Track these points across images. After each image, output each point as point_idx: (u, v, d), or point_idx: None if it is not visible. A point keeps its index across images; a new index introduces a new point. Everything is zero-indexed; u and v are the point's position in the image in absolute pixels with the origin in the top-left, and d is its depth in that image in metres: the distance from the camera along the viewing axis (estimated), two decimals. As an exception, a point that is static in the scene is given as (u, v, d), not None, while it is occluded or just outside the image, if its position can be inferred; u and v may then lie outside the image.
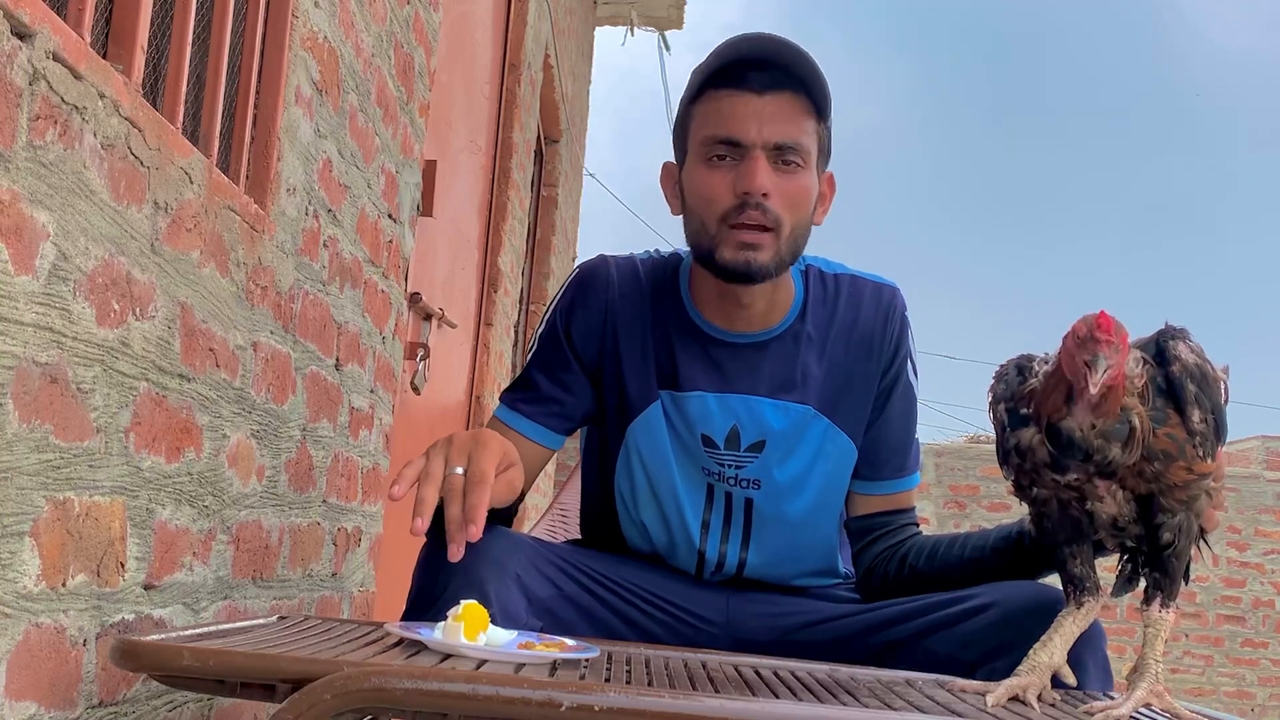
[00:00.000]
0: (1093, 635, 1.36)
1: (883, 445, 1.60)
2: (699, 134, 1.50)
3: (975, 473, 8.07)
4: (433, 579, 1.39)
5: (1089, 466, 1.20)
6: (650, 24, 6.75)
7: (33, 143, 0.98)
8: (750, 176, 1.44)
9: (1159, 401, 1.20)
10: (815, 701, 1.08)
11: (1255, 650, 8.17)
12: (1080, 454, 1.19)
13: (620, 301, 1.58)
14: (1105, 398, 1.16)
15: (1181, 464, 1.21)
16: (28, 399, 1.00)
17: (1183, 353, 1.21)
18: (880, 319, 1.59)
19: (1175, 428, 1.20)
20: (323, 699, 0.91)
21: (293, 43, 1.62)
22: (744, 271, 1.47)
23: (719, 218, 1.47)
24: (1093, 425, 1.18)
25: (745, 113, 1.46)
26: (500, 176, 3.82)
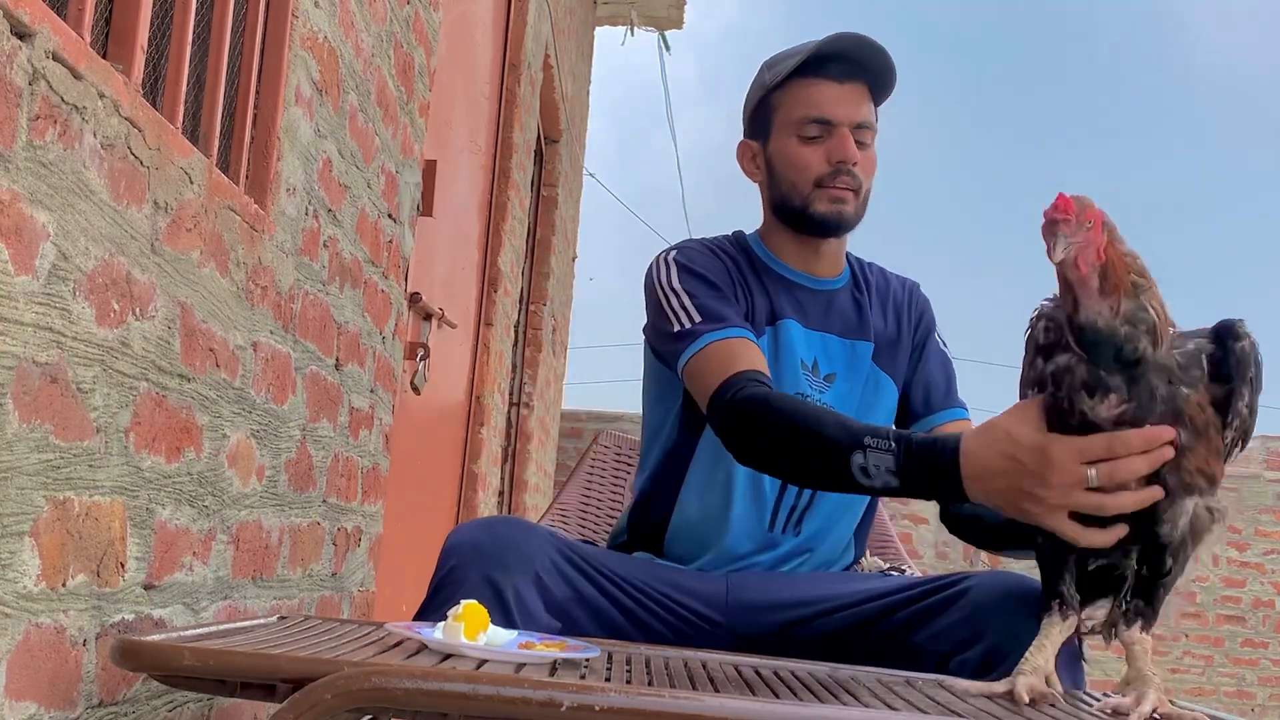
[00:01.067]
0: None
1: (931, 385, 1.81)
2: (791, 114, 1.75)
3: (975, 473, 8.06)
4: (460, 569, 1.43)
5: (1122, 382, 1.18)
6: (650, 24, 6.75)
7: (33, 143, 0.98)
8: (845, 149, 1.72)
9: (1196, 372, 1.20)
10: (815, 701, 1.08)
11: (1255, 650, 8.17)
12: (1110, 350, 1.18)
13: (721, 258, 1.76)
14: (1105, 278, 1.17)
15: (1206, 447, 1.20)
16: (28, 399, 1.00)
17: (1250, 335, 1.22)
18: (906, 294, 1.86)
19: (1204, 402, 1.20)
20: (323, 699, 0.91)
21: (293, 43, 1.62)
22: (836, 222, 1.74)
23: (813, 182, 1.73)
24: (1112, 311, 1.18)
25: (833, 97, 1.74)
26: (500, 176, 3.82)
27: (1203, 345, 1.21)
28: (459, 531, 1.50)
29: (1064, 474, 1.22)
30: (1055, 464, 1.22)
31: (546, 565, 1.48)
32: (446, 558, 1.46)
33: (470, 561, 1.43)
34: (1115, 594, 1.29)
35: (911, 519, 8.03)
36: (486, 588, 1.40)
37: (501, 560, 1.43)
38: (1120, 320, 1.18)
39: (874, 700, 1.12)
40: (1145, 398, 1.19)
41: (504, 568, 1.43)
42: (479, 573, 1.42)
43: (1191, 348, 1.21)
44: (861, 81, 1.75)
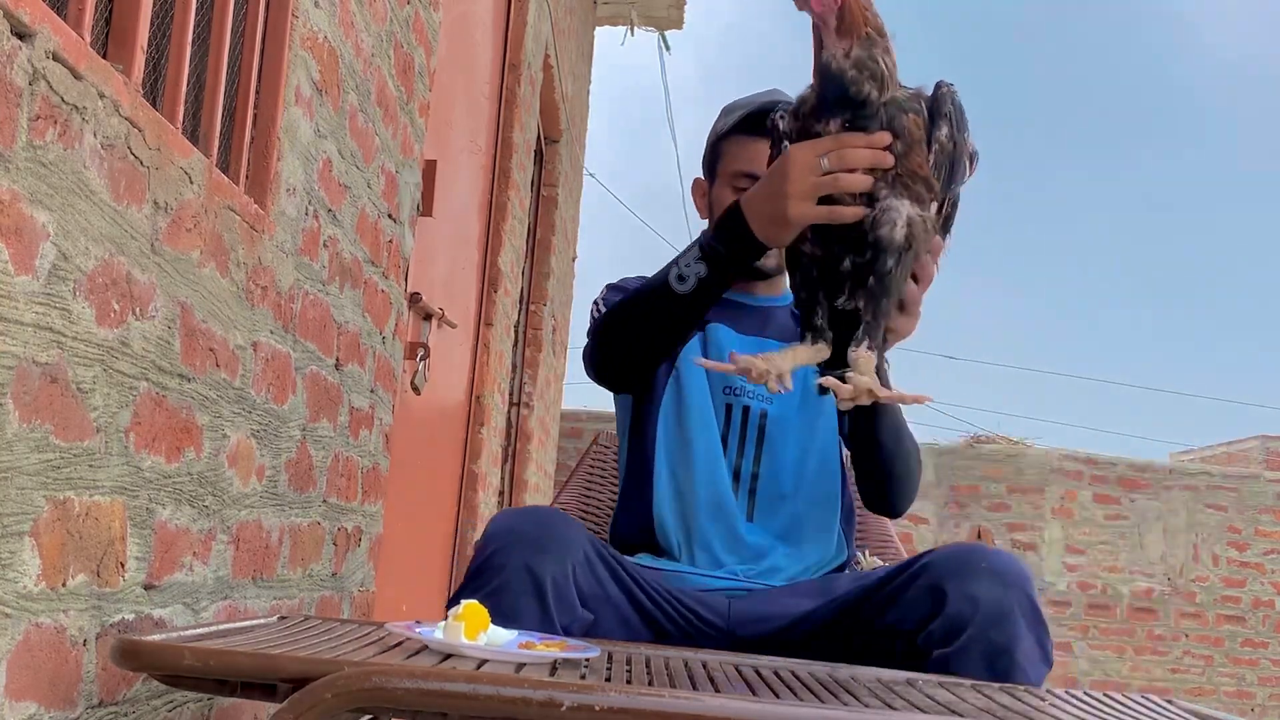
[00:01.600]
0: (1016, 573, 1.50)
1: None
2: (729, 168, 1.89)
3: (975, 473, 8.07)
4: (499, 554, 1.45)
5: (846, 113, 1.40)
6: (650, 24, 6.74)
7: (33, 143, 0.98)
8: None
9: (916, 105, 1.42)
10: (815, 701, 1.08)
11: (1255, 650, 8.17)
12: (838, 88, 1.39)
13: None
14: (841, 20, 1.37)
15: (919, 155, 1.41)
16: (28, 399, 1.00)
17: (951, 88, 1.45)
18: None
19: (922, 126, 1.42)
20: (323, 699, 0.91)
21: (293, 43, 1.62)
22: (758, 273, 1.87)
23: None
24: (846, 55, 1.38)
25: (762, 156, 1.79)
26: (500, 176, 3.82)
27: (920, 92, 1.44)
28: (501, 518, 1.53)
29: (800, 165, 1.45)
30: (793, 159, 1.45)
31: (581, 558, 1.51)
32: (487, 543, 1.48)
33: (511, 548, 1.45)
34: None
35: (911, 519, 8.03)
36: (526, 576, 1.43)
37: (541, 549, 1.46)
38: (850, 64, 1.38)
39: (874, 700, 1.12)
40: (867, 120, 1.41)
41: (543, 557, 1.45)
42: (519, 560, 1.44)
43: (913, 90, 1.44)
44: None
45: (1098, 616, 8.04)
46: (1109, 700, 1.28)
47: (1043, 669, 1.47)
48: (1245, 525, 8.24)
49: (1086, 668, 7.95)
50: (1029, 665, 1.44)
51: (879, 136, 1.41)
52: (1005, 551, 1.57)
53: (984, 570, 1.47)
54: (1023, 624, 1.44)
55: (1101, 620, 8.04)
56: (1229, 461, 12.23)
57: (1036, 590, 1.50)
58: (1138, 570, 8.12)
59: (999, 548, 1.64)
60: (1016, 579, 1.47)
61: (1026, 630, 1.44)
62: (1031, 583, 1.49)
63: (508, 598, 1.43)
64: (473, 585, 1.45)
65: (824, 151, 1.43)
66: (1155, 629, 8.10)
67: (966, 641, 1.43)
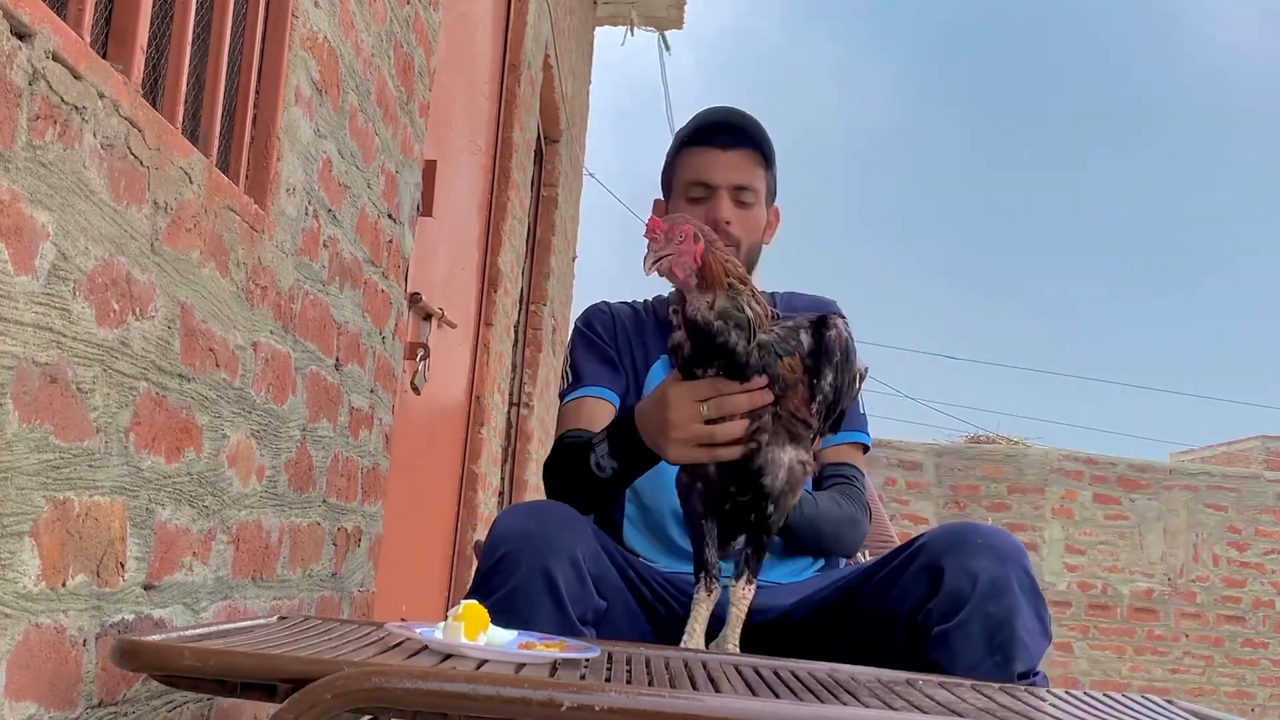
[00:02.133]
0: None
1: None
2: (682, 179, 1.97)
3: (975, 473, 8.07)
4: (510, 558, 1.47)
5: (720, 360, 1.47)
6: (650, 24, 6.74)
7: (32, 143, 0.98)
8: (717, 209, 1.92)
9: (795, 343, 1.49)
10: (815, 701, 1.08)
11: (1255, 650, 8.17)
12: (707, 339, 1.46)
13: (620, 317, 2.02)
14: (703, 278, 1.45)
15: (797, 397, 1.48)
16: (28, 399, 1.00)
17: (841, 326, 1.52)
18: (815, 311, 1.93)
19: (798, 369, 1.48)
20: (323, 699, 0.91)
21: (293, 43, 1.62)
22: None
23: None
24: (709, 306, 1.45)
25: (713, 164, 1.95)
26: (500, 176, 3.82)
27: (801, 323, 1.52)
28: (507, 518, 1.54)
29: (681, 408, 1.51)
30: (672, 401, 1.52)
31: (588, 549, 1.53)
32: (496, 545, 1.49)
33: (521, 550, 1.46)
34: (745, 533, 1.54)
35: (911, 519, 8.03)
36: (539, 576, 1.45)
37: (552, 546, 1.47)
38: (715, 315, 1.46)
39: (874, 700, 1.12)
40: (740, 367, 1.47)
41: (555, 554, 1.47)
42: (530, 561, 1.46)
43: (791, 325, 1.52)
44: (747, 148, 1.95)
45: (1098, 616, 8.04)
46: (1109, 700, 1.28)
47: (1042, 642, 1.49)
48: (1245, 525, 8.23)
49: (1086, 668, 7.95)
50: (1029, 638, 1.45)
51: (754, 383, 1.48)
52: (999, 528, 1.59)
53: (980, 546, 1.49)
54: (1021, 597, 1.46)
55: (1101, 620, 8.04)
56: (1229, 461, 12.23)
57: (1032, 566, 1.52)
58: (1138, 570, 8.12)
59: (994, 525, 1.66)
60: (1013, 553, 1.49)
61: (1025, 603, 1.46)
62: (1027, 558, 1.52)
63: (522, 599, 1.44)
64: (485, 589, 1.46)
65: (703, 398, 1.50)
66: (1155, 629, 8.10)
67: (966, 616, 1.45)
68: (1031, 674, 1.47)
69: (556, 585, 1.45)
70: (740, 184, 1.93)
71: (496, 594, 1.44)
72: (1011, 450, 8.44)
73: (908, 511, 8.04)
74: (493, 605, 1.42)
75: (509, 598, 1.43)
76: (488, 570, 1.48)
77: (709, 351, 1.48)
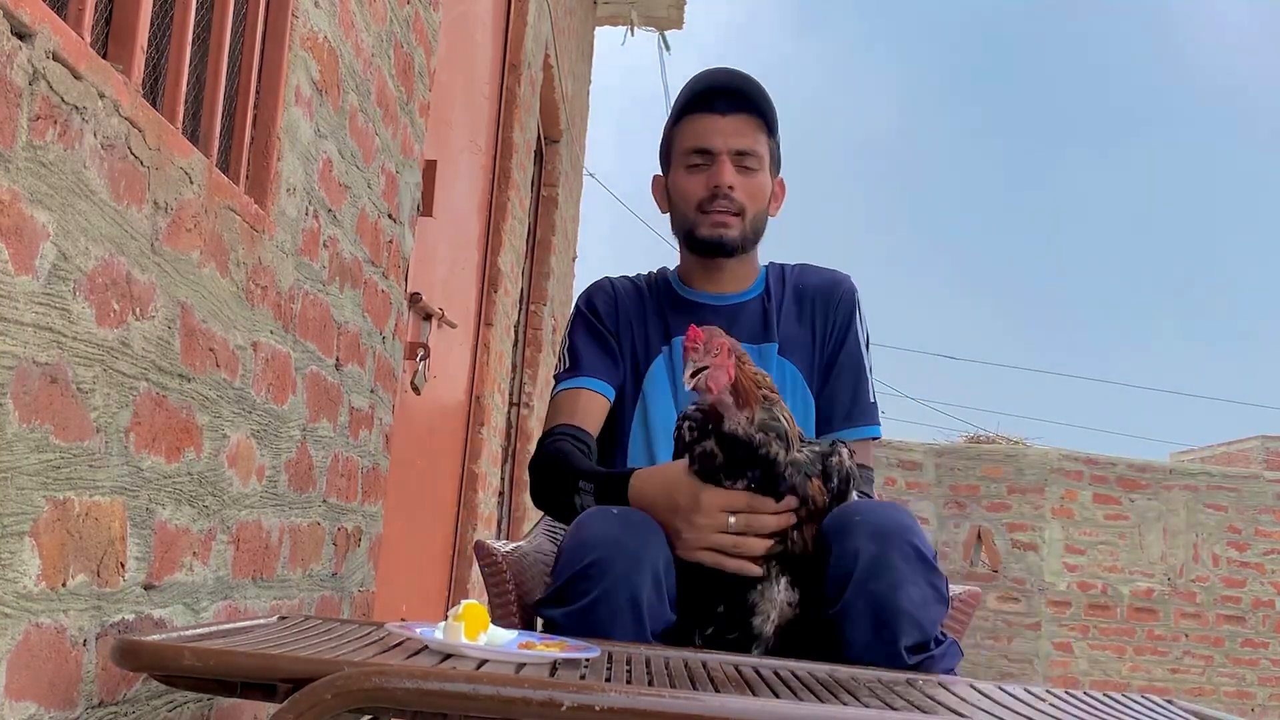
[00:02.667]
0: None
1: (835, 401, 1.88)
2: (680, 148, 1.90)
3: (975, 473, 8.07)
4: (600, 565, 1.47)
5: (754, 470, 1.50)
6: (650, 24, 6.74)
7: (33, 143, 0.98)
8: (719, 174, 1.85)
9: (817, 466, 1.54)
10: (815, 701, 1.08)
11: (1255, 650, 8.17)
12: (746, 450, 1.49)
13: (622, 296, 1.96)
14: (737, 394, 1.47)
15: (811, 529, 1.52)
16: (28, 399, 1.00)
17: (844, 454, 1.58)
18: (825, 292, 1.94)
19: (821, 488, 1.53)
20: (323, 698, 0.91)
21: (293, 43, 1.62)
22: (718, 243, 1.88)
23: (695, 207, 1.88)
24: (749, 420, 1.48)
25: (713, 129, 1.87)
26: (500, 176, 3.82)
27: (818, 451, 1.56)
28: (599, 524, 1.53)
29: (709, 516, 1.52)
30: (704, 507, 1.52)
31: (666, 564, 1.53)
32: (585, 549, 1.48)
33: (612, 560, 1.46)
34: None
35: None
36: (624, 590, 1.45)
37: (639, 561, 1.47)
38: (756, 428, 1.49)
39: (874, 700, 1.12)
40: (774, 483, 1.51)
41: (640, 569, 1.47)
42: (618, 573, 1.46)
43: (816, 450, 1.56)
44: (748, 113, 1.87)
45: (1098, 616, 8.04)
46: (1109, 700, 1.28)
47: (938, 609, 1.49)
48: (1245, 525, 8.23)
49: (1086, 668, 7.95)
50: (917, 610, 1.45)
51: (787, 502, 1.52)
52: (888, 503, 1.60)
53: (858, 524, 1.50)
54: (903, 570, 1.46)
55: (1101, 620, 8.04)
56: (1229, 461, 12.23)
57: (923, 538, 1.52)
58: (1138, 570, 8.11)
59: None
60: (892, 528, 1.49)
61: (909, 576, 1.46)
62: (914, 531, 1.51)
63: (604, 610, 1.44)
64: (567, 593, 1.46)
65: (736, 510, 1.52)
66: (1155, 629, 8.10)
67: (850, 597, 1.46)
68: (930, 644, 1.47)
69: (639, 601, 1.45)
70: (742, 149, 1.86)
71: (579, 601, 1.45)
72: (1011, 450, 8.44)
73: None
74: (572, 611, 1.45)
75: (590, 608, 1.44)
76: (575, 575, 1.47)
77: (745, 461, 1.50)
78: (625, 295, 1.96)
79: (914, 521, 1.55)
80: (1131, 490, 8.16)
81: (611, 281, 1.99)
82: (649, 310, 1.94)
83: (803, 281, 1.95)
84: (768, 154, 1.90)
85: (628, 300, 1.95)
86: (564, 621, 1.46)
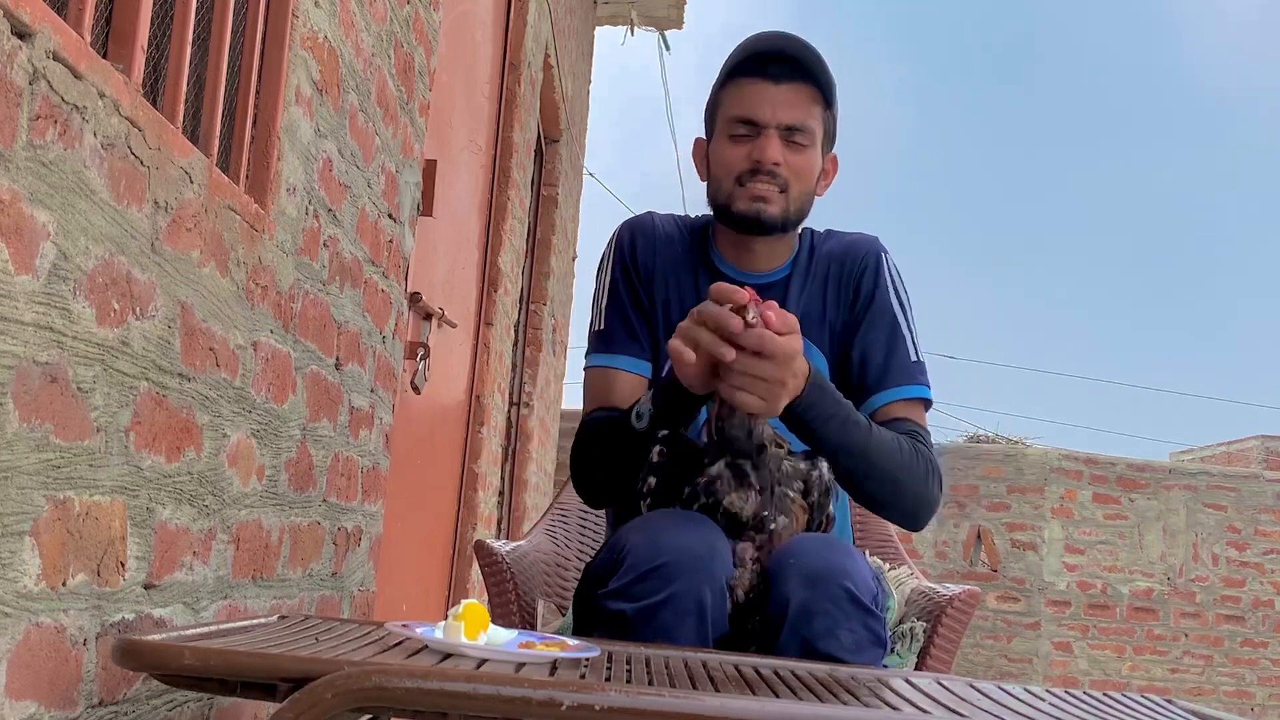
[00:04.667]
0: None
1: (867, 362, 1.77)
2: (725, 114, 1.75)
3: (975, 472, 8.07)
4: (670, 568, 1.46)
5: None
6: (650, 24, 6.74)
7: (33, 142, 0.98)
8: (765, 150, 1.71)
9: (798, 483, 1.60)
10: (815, 701, 1.08)
11: (1255, 650, 8.17)
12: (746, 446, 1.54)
13: (662, 243, 1.84)
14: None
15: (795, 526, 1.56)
16: (28, 398, 1.00)
17: (823, 469, 1.60)
18: (852, 255, 1.83)
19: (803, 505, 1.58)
20: (324, 698, 0.91)
21: (293, 42, 1.62)
22: (754, 219, 1.74)
23: (735, 179, 1.74)
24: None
25: (763, 98, 1.72)
26: (500, 176, 3.82)
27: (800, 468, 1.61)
28: (670, 528, 1.50)
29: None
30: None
31: (729, 574, 1.51)
32: (657, 551, 1.47)
33: (682, 565, 1.45)
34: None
35: (911, 519, 8.02)
36: (692, 597, 1.44)
37: (710, 570, 1.46)
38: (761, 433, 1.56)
39: (874, 700, 1.12)
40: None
41: (710, 577, 1.46)
42: (688, 579, 1.44)
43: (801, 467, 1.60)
44: (804, 82, 1.72)
45: (1097, 616, 8.04)
46: (1109, 700, 1.28)
47: (873, 652, 1.47)
48: (1245, 525, 8.23)
49: (1086, 667, 7.95)
50: (848, 655, 1.43)
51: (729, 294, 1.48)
52: (828, 541, 1.56)
53: (792, 568, 1.48)
54: (835, 616, 1.44)
55: (1101, 620, 8.04)
56: (1229, 461, 12.23)
57: (861, 577, 1.48)
58: (1137, 570, 8.11)
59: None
60: (826, 573, 1.46)
61: (844, 621, 1.44)
62: (849, 573, 1.47)
63: (669, 614, 1.43)
64: (640, 589, 1.45)
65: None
66: (1155, 629, 8.10)
67: (782, 642, 1.45)
68: None
69: (705, 608, 1.44)
70: (792, 123, 1.71)
71: (648, 599, 1.43)
72: (1011, 450, 8.44)
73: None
74: (641, 608, 1.44)
75: (659, 608, 1.43)
76: (645, 573, 1.45)
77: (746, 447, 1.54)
78: (665, 242, 1.84)
79: (852, 560, 1.50)
80: (1131, 490, 8.16)
81: (655, 220, 1.87)
82: (683, 267, 1.82)
83: (826, 248, 1.84)
84: (820, 128, 1.75)
85: (667, 248, 1.83)
86: (633, 616, 1.45)
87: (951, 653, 1.74)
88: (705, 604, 1.44)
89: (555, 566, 2.07)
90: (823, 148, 1.77)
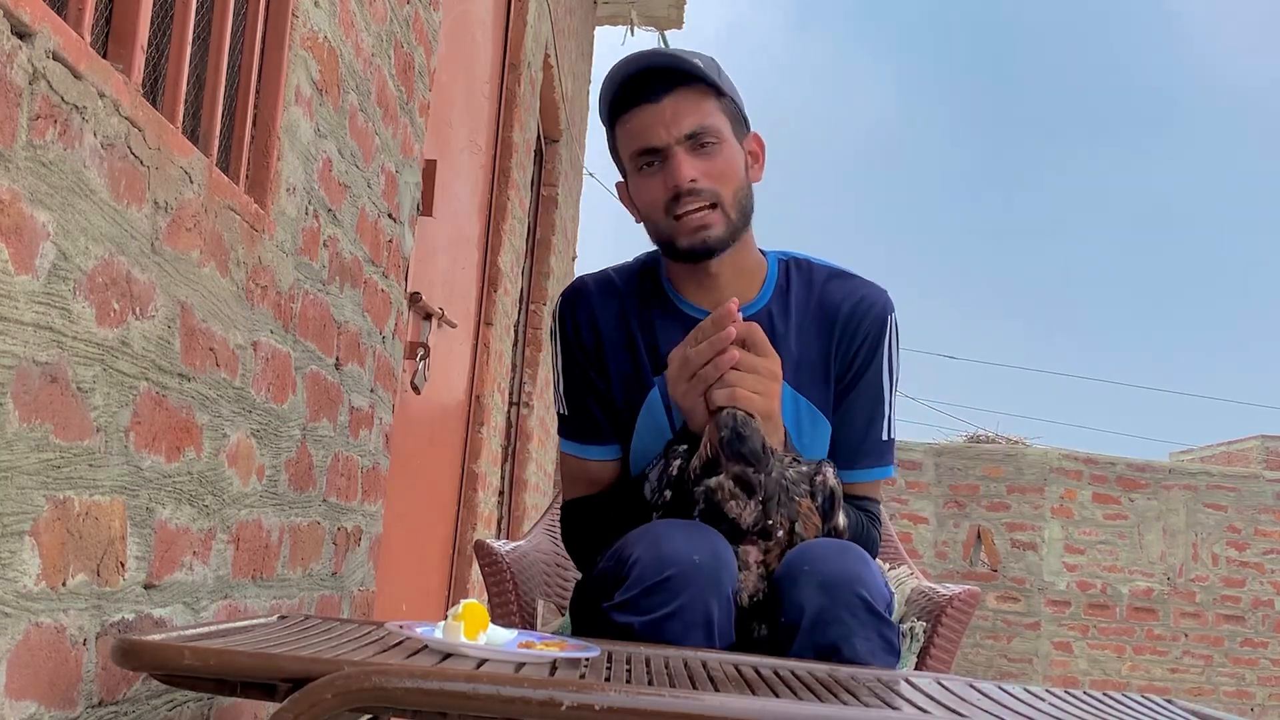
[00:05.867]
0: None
1: (843, 437, 1.73)
2: (627, 152, 1.70)
3: (975, 472, 8.07)
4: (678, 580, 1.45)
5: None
6: (650, 24, 6.74)
7: (33, 142, 0.98)
8: (675, 172, 1.64)
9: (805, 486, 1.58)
10: (815, 701, 1.08)
11: (1255, 650, 8.17)
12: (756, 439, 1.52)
13: (602, 311, 1.77)
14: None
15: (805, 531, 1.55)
16: (28, 398, 1.00)
17: (828, 474, 1.59)
18: (859, 312, 1.74)
19: (813, 507, 1.57)
20: (323, 698, 0.91)
21: (293, 42, 1.62)
22: (703, 249, 1.67)
23: (664, 212, 1.67)
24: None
25: (652, 121, 1.65)
26: (500, 176, 3.82)
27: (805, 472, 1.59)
28: (679, 540, 1.48)
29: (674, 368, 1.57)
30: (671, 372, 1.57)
31: (734, 586, 1.51)
32: (665, 562, 1.46)
33: (690, 577, 1.44)
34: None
35: (911, 518, 8.03)
36: (700, 610, 1.44)
37: (718, 582, 1.46)
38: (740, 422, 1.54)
39: (874, 700, 1.12)
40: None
41: (717, 590, 1.46)
42: (696, 592, 1.44)
43: (804, 470, 1.58)
44: (683, 87, 1.65)
45: (1097, 616, 8.04)
46: (1109, 700, 1.28)
47: (886, 660, 1.46)
48: (1245, 525, 8.23)
49: (1086, 667, 7.95)
50: (862, 663, 1.43)
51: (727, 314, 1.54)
52: (842, 548, 1.53)
53: (807, 575, 1.47)
54: (850, 624, 1.43)
55: (1101, 620, 8.04)
56: (1229, 461, 12.23)
57: (875, 585, 1.47)
58: (1137, 570, 8.12)
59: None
60: (841, 579, 1.45)
61: (859, 630, 1.43)
62: (864, 581, 1.46)
63: (677, 626, 1.43)
64: (647, 602, 1.44)
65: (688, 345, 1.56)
66: (1155, 629, 8.10)
67: (797, 649, 1.45)
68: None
69: (713, 621, 1.44)
70: (691, 131, 1.63)
71: (656, 612, 1.43)
72: (1011, 450, 8.44)
73: (907, 511, 8.04)
74: (648, 621, 1.43)
75: (663, 622, 1.43)
76: (649, 586, 1.45)
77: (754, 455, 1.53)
78: (604, 308, 1.76)
79: (866, 567, 1.49)
80: (1131, 490, 8.16)
81: (589, 287, 1.78)
82: (634, 324, 1.74)
83: (830, 296, 1.73)
84: (724, 118, 1.67)
85: (607, 313, 1.76)
86: (641, 630, 1.44)
87: (951, 653, 1.74)
88: (713, 616, 1.44)
89: (555, 566, 2.07)
90: (737, 135, 1.69)
